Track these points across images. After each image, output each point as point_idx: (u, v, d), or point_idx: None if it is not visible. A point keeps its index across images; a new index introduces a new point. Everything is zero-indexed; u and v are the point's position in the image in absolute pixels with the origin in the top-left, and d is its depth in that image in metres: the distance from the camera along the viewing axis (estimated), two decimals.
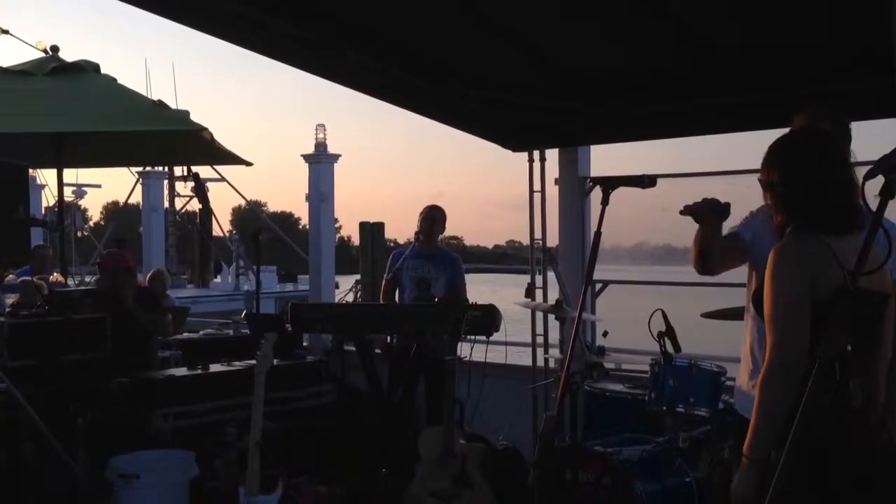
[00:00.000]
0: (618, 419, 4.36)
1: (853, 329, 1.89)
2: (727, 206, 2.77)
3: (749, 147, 2.56)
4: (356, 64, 4.47)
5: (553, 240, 5.77)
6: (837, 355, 1.68)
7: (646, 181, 2.85)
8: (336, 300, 7.98)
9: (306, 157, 8.52)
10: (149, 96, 6.94)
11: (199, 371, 4.76)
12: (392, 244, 9.97)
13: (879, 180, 1.76)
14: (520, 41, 4.30)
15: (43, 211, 15.45)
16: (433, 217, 5.45)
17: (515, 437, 4.84)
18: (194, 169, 18.09)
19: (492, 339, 4.91)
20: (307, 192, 8.17)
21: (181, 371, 4.89)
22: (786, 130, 2.64)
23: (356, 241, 9.07)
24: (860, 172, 1.98)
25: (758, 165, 2.44)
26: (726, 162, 3.27)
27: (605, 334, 5.12)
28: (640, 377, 4.81)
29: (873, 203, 1.79)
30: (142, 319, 5.20)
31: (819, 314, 2.04)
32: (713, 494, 3.55)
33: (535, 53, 4.42)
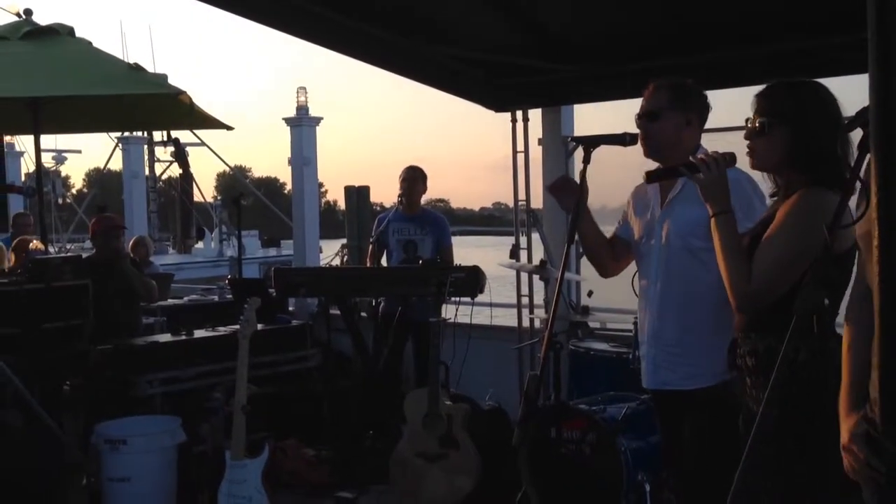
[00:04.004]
0: (602, 378, 4.40)
1: (831, 284, 1.90)
2: (563, 179, 2.91)
3: (731, 104, 2.54)
4: (335, 23, 4.40)
5: (538, 201, 5.76)
6: (815, 309, 1.68)
7: (627, 139, 2.84)
8: (322, 265, 7.96)
9: (288, 121, 8.46)
10: (125, 60, 6.81)
11: (184, 337, 4.76)
12: (378, 208, 9.94)
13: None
14: (504, 0, 4.23)
15: (23, 178, 15.28)
16: (413, 177, 5.42)
17: (501, 397, 4.87)
18: (174, 134, 17.86)
19: (477, 300, 4.92)
20: (289, 156, 8.12)
21: (166, 337, 4.88)
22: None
23: (343, 205, 9.04)
24: None
25: (739, 122, 2.41)
26: (709, 119, 3.25)
27: (589, 294, 5.13)
28: (624, 336, 4.84)
29: None
30: (136, 283, 5.21)
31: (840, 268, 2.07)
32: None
33: (518, 13, 4.36)
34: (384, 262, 5.53)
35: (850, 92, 2.21)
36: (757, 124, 2.30)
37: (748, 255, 2.28)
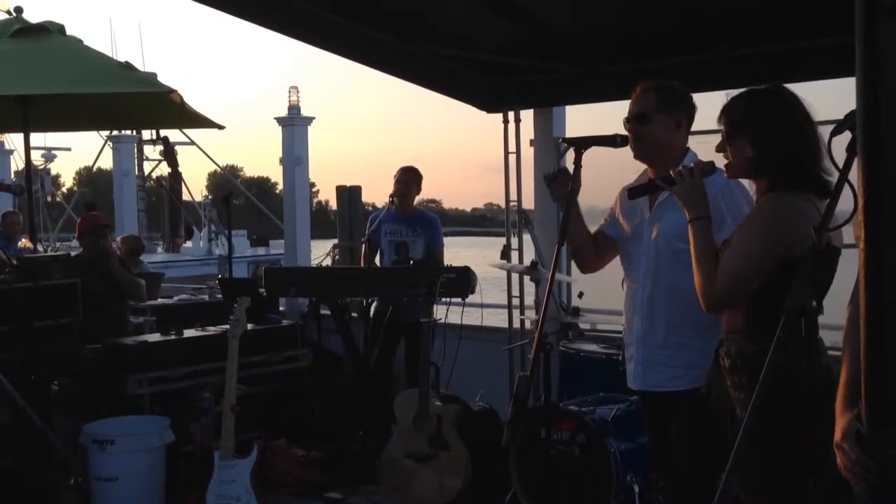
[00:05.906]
0: (592, 379, 4.40)
1: (818, 285, 1.92)
2: (561, 171, 2.91)
3: (721, 105, 2.56)
4: (326, 23, 4.40)
5: (529, 202, 5.76)
6: (802, 310, 1.70)
7: (618, 140, 2.85)
8: (312, 265, 7.95)
9: (279, 120, 8.44)
10: (115, 58, 6.78)
11: (173, 336, 4.74)
12: (370, 208, 9.94)
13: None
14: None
15: (12, 176, 15.20)
16: (407, 179, 5.41)
17: (491, 397, 4.87)
18: (163, 132, 17.80)
19: (468, 301, 4.92)
20: (281, 155, 8.11)
21: (155, 336, 4.87)
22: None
23: (334, 205, 9.02)
24: (824, 131, 1.98)
25: None
26: (699, 121, 3.27)
27: (580, 295, 5.14)
28: (614, 337, 4.85)
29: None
30: (123, 282, 5.19)
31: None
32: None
33: (509, 11, 4.36)
34: (377, 261, 5.52)
35: (842, 94, 2.23)
36: (723, 135, 2.35)
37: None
